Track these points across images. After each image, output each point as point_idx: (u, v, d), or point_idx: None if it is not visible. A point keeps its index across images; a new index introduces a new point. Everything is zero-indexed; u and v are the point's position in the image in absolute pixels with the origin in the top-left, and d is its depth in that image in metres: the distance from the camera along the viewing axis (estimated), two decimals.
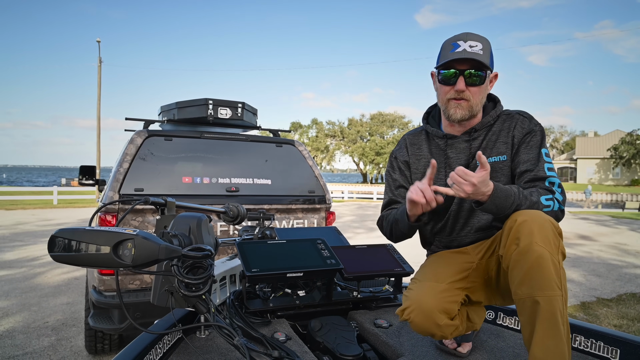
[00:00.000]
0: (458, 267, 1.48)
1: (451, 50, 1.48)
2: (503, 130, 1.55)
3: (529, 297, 1.20)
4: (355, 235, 11.00)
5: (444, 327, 1.38)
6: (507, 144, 1.53)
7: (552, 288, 1.18)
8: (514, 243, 1.25)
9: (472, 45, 1.46)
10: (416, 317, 1.38)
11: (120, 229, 0.97)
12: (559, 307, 1.18)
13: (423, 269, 1.55)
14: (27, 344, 3.66)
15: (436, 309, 1.36)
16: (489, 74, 1.51)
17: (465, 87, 1.48)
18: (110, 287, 2.99)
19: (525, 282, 1.21)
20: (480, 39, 1.49)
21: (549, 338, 1.17)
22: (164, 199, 1.55)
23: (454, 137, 1.58)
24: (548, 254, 1.20)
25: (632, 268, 7.47)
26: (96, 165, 20.25)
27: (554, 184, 1.43)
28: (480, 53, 1.46)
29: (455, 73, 1.49)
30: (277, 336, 1.55)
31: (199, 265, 1.20)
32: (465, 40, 1.47)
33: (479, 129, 1.56)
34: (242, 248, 1.70)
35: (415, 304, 1.39)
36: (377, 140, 54.60)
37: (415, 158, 1.68)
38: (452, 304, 1.39)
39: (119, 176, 3.06)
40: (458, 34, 1.52)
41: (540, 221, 1.24)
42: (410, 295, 1.42)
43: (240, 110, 3.75)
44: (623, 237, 11.86)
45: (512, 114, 1.57)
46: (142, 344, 1.26)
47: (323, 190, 3.72)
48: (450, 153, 1.59)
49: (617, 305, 5.12)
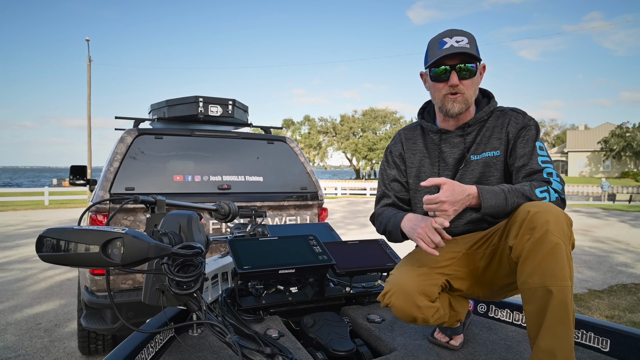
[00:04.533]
0: (442, 256, 1.49)
1: (439, 48, 1.51)
2: (497, 126, 1.57)
3: (542, 286, 1.21)
4: (348, 231, 11.02)
5: (424, 308, 1.40)
6: (501, 140, 1.55)
7: (564, 278, 1.20)
8: (528, 233, 1.25)
9: (458, 40, 1.49)
10: (396, 300, 1.41)
11: (109, 228, 0.97)
12: (569, 297, 1.20)
13: (406, 257, 1.57)
14: (19, 346, 3.64)
15: (415, 290, 1.39)
16: (478, 65, 1.54)
17: (458, 81, 1.50)
18: (102, 288, 2.97)
19: (538, 271, 1.22)
20: (465, 33, 1.52)
21: (559, 326, 1.18)
22: (154, 197, 1.54)
23: (447, 132, 1.61)
24: (562, 244, 1.22)
25: (623, 259, 7.55)
26: (87, 165, 20.12)
27: (552, 174, 1.44)
28: (467, 47, 1.49)
29: (447, 69, 1.51)
30: (270, 333, 1.55)
31: (190, 263, 1.20)
32: (450, 36, 1.51)
33: (472, 124, 1.58)
34: (233, 245, 1.70)
35: (396, 287, 1.42)
36: (369, 136, 54.64)
37: (410, 152, 1.70)
38: (431, 286, 1.42)
39: (109, 175, 3.04)
40: (442, 32, 1.55)
41: (555, 212, 1.25)
42: (390, 279, 1.46)
43: (231, 107, 3.73)
44: (614, 229, 11.98)
45: (505, 111, 1.59)
46: (134, 343, 1.25)
47: (315, 187, 3.72)
48: (444, 147, 1.62)
49: (609, 296, 5.18)
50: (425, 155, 1.66)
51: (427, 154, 1.66)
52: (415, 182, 1.69)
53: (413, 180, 1.70)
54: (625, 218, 15.09)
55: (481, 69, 1.58)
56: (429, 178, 1.35)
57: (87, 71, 21.66)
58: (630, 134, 46.33)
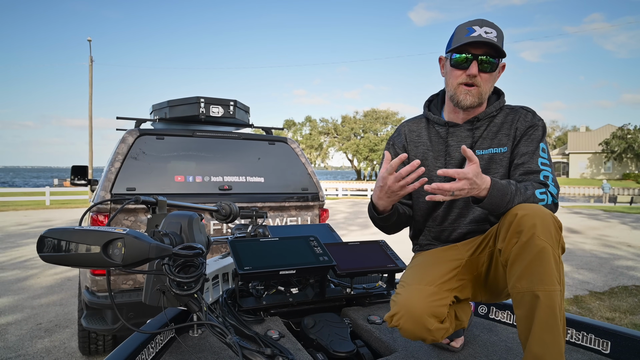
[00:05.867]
0: (446, 267, 1.46)
1: (466, 34, 1.47)
2: (506, 122, 1.54)
3: (529, 291, 1.19)
4: (350, 232, 11.01)
5: (435, 331, 1.34)
6: (509, 136, 1.53)
7: (552, 283, 1.18)
8: (515, 236, 1.24)
9: (487, 32, 1.45)
10: (405, 323, 1.34)
11: (110, 228, 0.97)
12: (558, 302, 1.18)
13: (410, 271, 1.51)
14: (20, 346, 3.64)
15: (425, 313, 1.32)
16: (500, 62, 1.51)
17: (477, 72, 1.47)
18: (103, 288, 2.97)
19: (525, 275, 1.20)
20: (495, 27, 1.48)
21: (547, 333, 1.17)
22: (155, 198, 1.54)
23: (456, 125, 1.58)
24: (550, 248, 1.19)
25: (624, 261, 7.54)
26: (88, 165, 20.12)
27: (548, 177, 1.43)
28: (495, 39, 1.45)
29: (468, 57, 1.48)
30: (271, 334, 1.55)
31: (191, 264, 1.20)
32: (481, 26, 1.47)
33: (482, 119, 1.56)
34: (234, 246, 1.70)
35: (404, 309, 1.34)
36: (370, 137, 54.62)
37: (413, 145, 1.67)
38: (441, 307, 1.35)
39: (110, 176, 3.04)
40: (472, 20, 1.51)
41: (542, 215, 1.23)
42: (398, 300, 1.38)
43: (232, 108, 3.74)
44: (615, 230, 11.96)
45: (515, 108, 1.57)
46: (134, 343, 1.25)
47: (316, 188, 3.72)
48: (451, 141, 1.58)
49: (610, 298, 5.17)
50: (429, 148, 1.63)
51: (431, 147, 1.62)
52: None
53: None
54: (627, 220, 15.07)
55: (501, 67, 1.55)
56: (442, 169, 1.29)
57: (88, 71, 21.69)
58: (632, 136, 46.28)
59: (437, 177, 1.57)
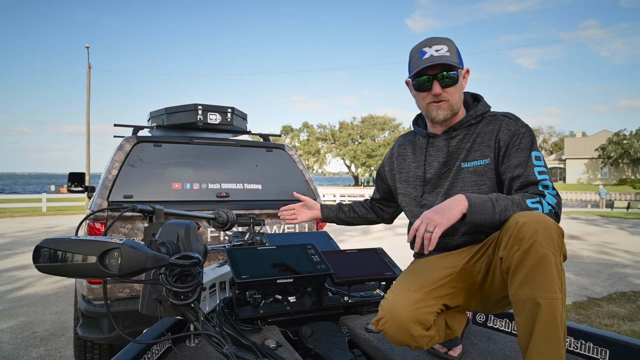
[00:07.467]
0: (439, 274, 1.45)
1: (419, 58, 1.52)
2: (487, 132, 1.53)
3: (530, 299, 1.18)
4: (348, 238, 11.00)
5: (418, 338, 1.34)
6: (491, 147, 1.51)
7: (553, 290, 1.17)
8: (517, 244, 1.23)
9: (437, 49, 1.49)
10: (390, 328, 1.35)
11: (107, 238, 0.96)
12: (559, 309, 1.17)
13: (402, 277, 1.51)
14: (15, 355, 3.61)
15: (410, 319, 1.33)
16: (460, 71, 1.53)
17: (441, 90, 1.51)
18: (99, 296, 2.95)
19: (526, 283, 1.20)
20: (444, 41, 1.52)
21: (548, 341, 1.16)
22: (152, 207, 1.54)
23: (435, 136, 1.63)
24: (551, 255, 1.19)
25: (622, 267, 7.54)
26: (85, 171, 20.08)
27: (548, 187, 1.40)
28: (447, 55, 1.48)
29: (429, 78, 1.52)
30: (268, 343, 1.54)
31: (188, 273, 1.19)
32: (430, 45, 1.51)
33: (457, 128, 1.58)
34: (231, 255, 1.69)
35: (390, 314, 1.36)
36: (368, 143, 54.74)
37: (401, 158, 1.76)
38: (427, 314, 1.35)
39: (107, 183, 3.03)
40: (421, 41, 1.55)
41: (544, 222, 1.22)
42: (385, 305, 1.40)
43: (230, 115, 3.74)
44: (612, 236, 11.99)
45: (497, 116, 1.55)
46: (130, 354, 1.24)
47: (314, 195, 3.72)
48: (431, 151, 1.64)
49: (608, 304, 5.17)
50: (412, 160, 1.71)
51: (414, 158, 1.70)
52: (404, 186, 1.72)
53: (402, 185, 1.72)
54: (624, 225, 15.10)
55: (464, 74, 1.58)
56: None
57: (86, 78, 21.70)
58: (628, 141, 46.51)
59: (414, 194, 1.67)
